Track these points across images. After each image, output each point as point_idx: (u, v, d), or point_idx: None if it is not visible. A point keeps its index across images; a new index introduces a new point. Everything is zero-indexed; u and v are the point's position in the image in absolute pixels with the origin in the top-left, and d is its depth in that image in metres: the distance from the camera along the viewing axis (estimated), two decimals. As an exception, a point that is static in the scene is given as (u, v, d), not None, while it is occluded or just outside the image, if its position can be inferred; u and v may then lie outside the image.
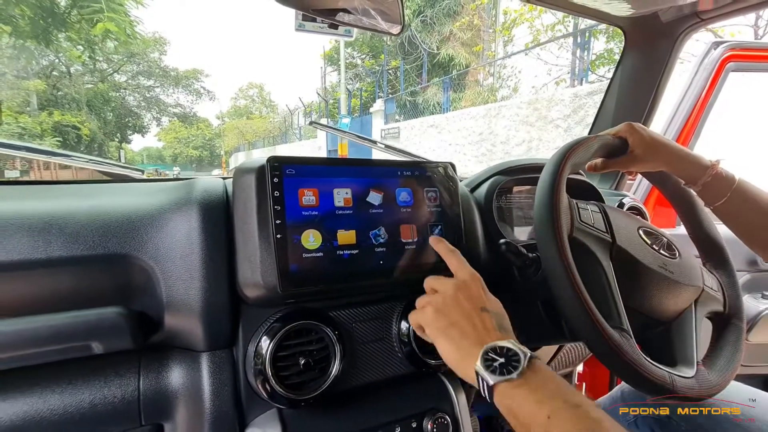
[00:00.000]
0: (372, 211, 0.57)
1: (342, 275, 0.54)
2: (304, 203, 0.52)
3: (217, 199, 0.56)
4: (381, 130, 11.19)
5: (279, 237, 0.50)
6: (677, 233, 1.06)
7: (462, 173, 0.84)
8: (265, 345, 0.52)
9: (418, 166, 0.62)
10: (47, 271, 0.49)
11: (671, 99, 1.19)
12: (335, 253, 0.54)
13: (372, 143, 1.00)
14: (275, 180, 0.51)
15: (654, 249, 0.61)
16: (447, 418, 0.60)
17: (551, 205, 0.51)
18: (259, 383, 0.52)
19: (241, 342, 0.55)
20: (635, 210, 1.00)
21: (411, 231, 0.59)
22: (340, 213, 0.55)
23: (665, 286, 0.58)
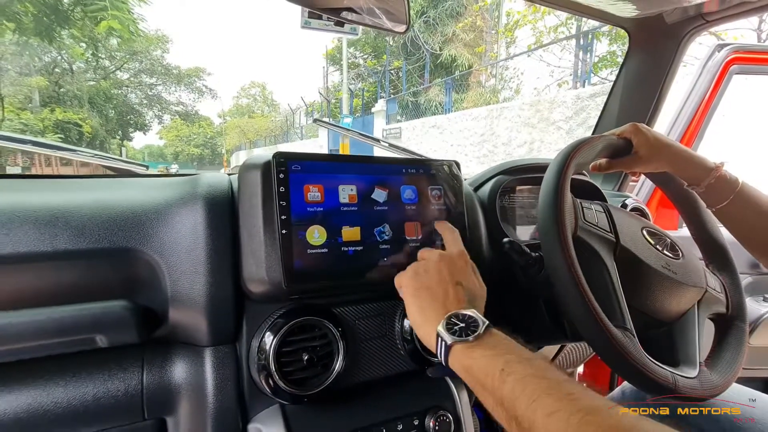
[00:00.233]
0: (377, 208, 0.57)
1: (346, 272, 0.55)
2: (309, 199, 0.53)
3: (223, 195, 0.56)
4: (383, 130, 11.19)
5: (284, 233, 0.50)
6: (680, 235, 1.06)
7: (463, 174, 0.84)
8: (269, 340, 0.52)
9: (422, 163, 0.62)
10: (53, 264, 0.50)
11: (675, 101, 1.19)
12: (339, 250, 0.54)
13: (375, 141, 1.00)
14: (281, 176, 0.51)
15: (657, 249, 0.61)
16: (449, 416, 0.60)
17: (555, 204, 0.51)
18: (263, 379, 0.53)
19: (245, 337, 0.55)
20: (638, 211, 1.00)
21: (415, 228, 0.59)
22: (345, 209, 0.55)
23: (668, 286, 0.58)
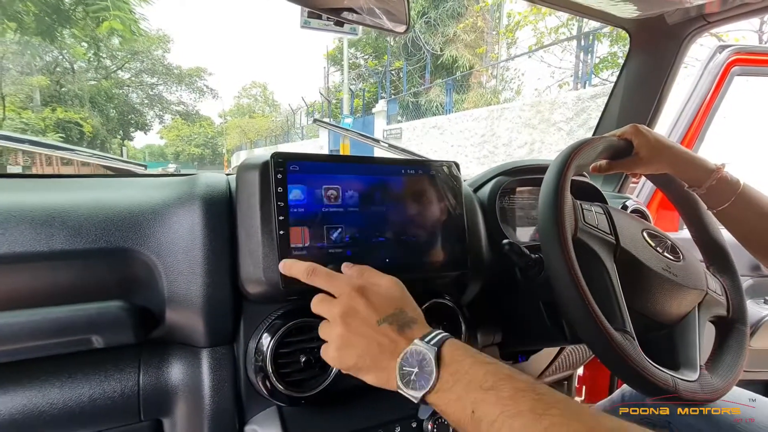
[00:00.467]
0: (375, 209, 0.57)
1: None
2: (307, 200, 0.52)
3: (220, 195, 0.56)
4: (383, 130, 11.19)
5: (282, 233, 0.50)
6: (680, 237, 1.05)
7: (464, 174, 0.83)
8: (266, 342, 0.52)
9: (422, 164, 0.62)
10: (49, 264, 0.49)
11: (676, 102, 1.19)
12: (337, 251, 0.54)
13: (375, 142, 1.00)
14: (279, 176, 0.51)
15: (658, 251, 0.61)
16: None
17: (555, 206, 0.51)
18: (260, 380, 0.52)
19: (242, 338, 0.55)
20: (638, 213, 0.99)
21: (415, 229, 0.59)
22: (343, 210, 0.54)
23: (669, 288, 0.57)
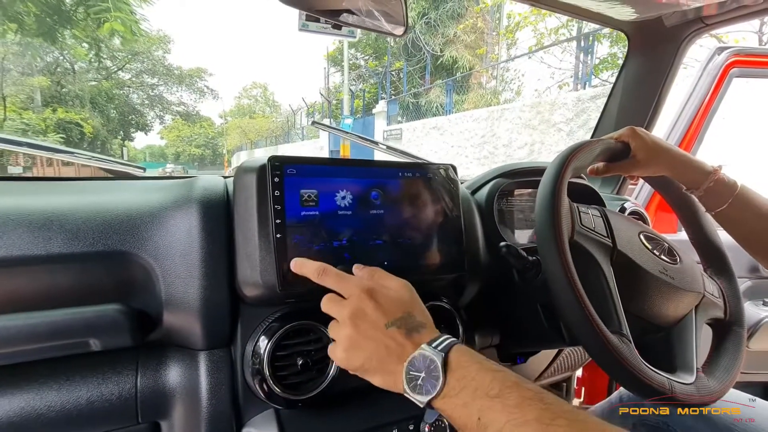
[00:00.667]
0: (373, 212, 0.57)
1: None
2: (304, 203, 0.52)
3: (218, 198, 0.56)
4: (383, 131, 11.19)
5: (279, 236, 0.50)
6: (678, 239, 1.05)
7: (464, 175, 0.84)
8: (264, 344, 0.52)
9: (419, 167, 0.62)
10: (47, 267, 0.49)
11: (674, 104, 1.19)
12: (335, 253, 0.54)
13: (373, 144, 1.00)
14: (276, 179, 0.51)
15: (655, 254, 0.61)
16: (445, 421, 0.60)
17: (552, 209, 0.51)
18: (257, 383, 0.52)
19: (240, 341, 0.55)
20: (637, 215, 1.00)
21: (412, 232, 0.59)
22: (340, 213, 0.54)
23: (666, 291, 0.57)
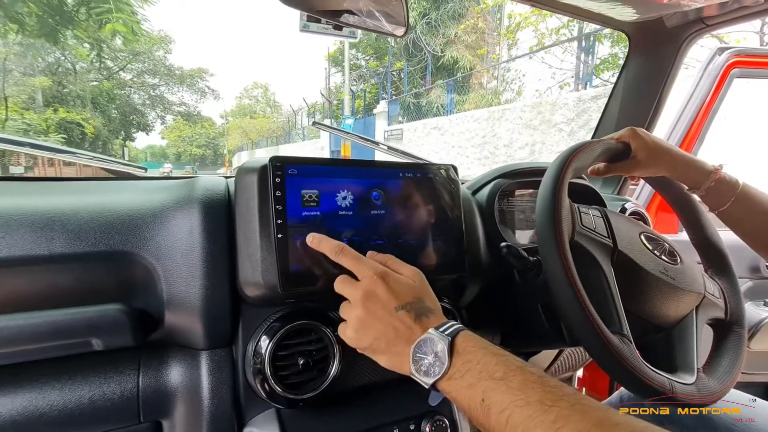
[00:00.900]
0: (373, 212, 0.57)
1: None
2: (305, 203, 0.53)
3: (219, 198, 0.56)
4: (384, 131, 11.19)
5: (280, 237, 0.50)
6: (679, 239, 1.06)
7: (464, 176, 0.84)
8: (265, 344, 0.52)
9: (419, 167, 0.62)
10: (49, 267, 0.50)
11: (675, 104, 1.19)
12: None
13: (374, 144, 1.00)
14: (277, 180, 0.51)
15: (655, 255, 0.61)
16: (445, 420, 0.60)
17: (552, 209, 0.51)
18: (258, 383, 0.52)
19: (241, 341, 0.55)
20: (637, 215, 1.00)
21: (412, 232, 0.59)
22: (341, 213, 0.55)
23: (666, 291, 0.57)
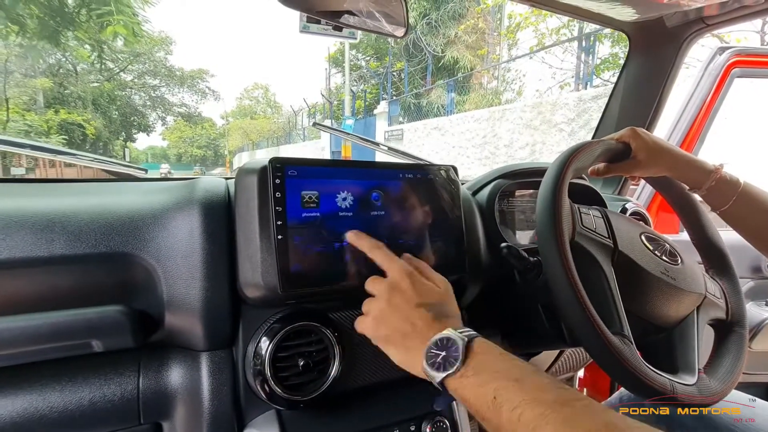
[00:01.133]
0: (373, 213, 0.57)
1: (342, 277, 0.54)
2: (305, 204, 0.53)
3: (219, 199, 0.56)
4: (384, 131, 11.19)
5: (280, 238, 0.50)
6: (680, 239, 1.05)
7: (465, 176, 0.84)
8: (265, 345, 0.52)
9: (420, 168, 0.62)
10: (49, 269, 0.50)
11: (676, 104, 1.19)
12: (336, 255, 0.54)
13: (374, 145, 1.00)
14: (277, 181, 0.51)
15: (656, 255, 0.61)
16: (446, 422, 0.60)
17: (553, 210, 0.51)
18: (258, 384, 0.52)
19: (241, 342, 0.55)
20: (638, 215, 0.99)
21: (412, 233, 0.59)
22: (341, 214, 0.55)
23: (667, 292, 0.57)
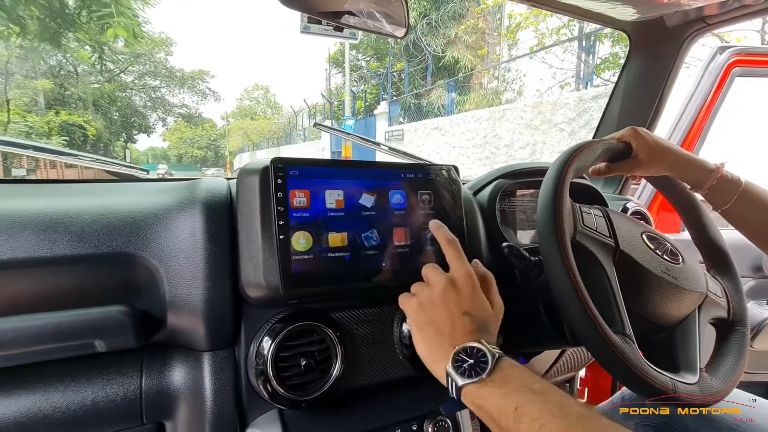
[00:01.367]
0: (374, 213, 0.57)
1: (344, 276, 0.55)
2: (307, 204, 0.53)
3: (221, 200, 0.56)
4: (385, 132, 11.20)
5: (282, 238, 0.50)
6: (682, 239, 1.05)
7: (466, 176, 0.84)
8: (267, 345, 0.52)
9: (421, 168, 0.62)
10: (52, 269, 0.50)
11: (676, 103, 1.19)
12: (337, 255, 0.54)
13: (375, 145, 1.00)
14: (279, 181, 0.51)
15: (657, 254, 0.61)
16: (448, 421, 0.60)
17: (554, 209, 0.51)
18: (261, 383, 0.53)
19: (243, 342, 0.56)
20: (639, 215, 0.99)
21: (414, 233, 0.59)
22: (342, 214, 0.55)
23: (668, 291, 0.57)
